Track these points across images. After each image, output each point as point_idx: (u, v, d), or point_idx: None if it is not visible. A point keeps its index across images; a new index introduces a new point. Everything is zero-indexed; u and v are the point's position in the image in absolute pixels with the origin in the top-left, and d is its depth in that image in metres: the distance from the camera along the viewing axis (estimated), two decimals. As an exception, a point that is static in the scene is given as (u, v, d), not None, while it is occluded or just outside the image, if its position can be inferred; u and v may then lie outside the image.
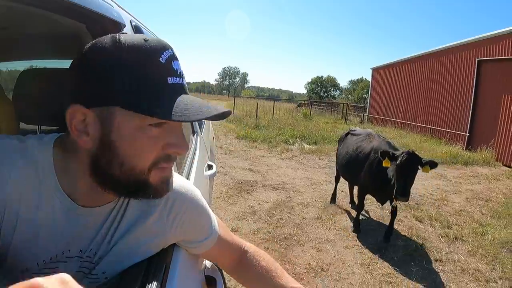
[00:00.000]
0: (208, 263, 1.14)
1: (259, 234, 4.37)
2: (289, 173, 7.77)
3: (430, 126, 17.08)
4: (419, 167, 3.93)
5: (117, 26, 1.01)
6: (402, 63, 21.16)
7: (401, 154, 3.91)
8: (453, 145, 14.06)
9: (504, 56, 13.22)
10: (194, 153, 2.17)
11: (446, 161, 10.95)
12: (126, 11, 1.28)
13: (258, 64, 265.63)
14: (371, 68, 25.26)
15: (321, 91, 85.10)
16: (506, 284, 3.59)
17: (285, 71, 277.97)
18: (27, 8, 0.78)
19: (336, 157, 5.72)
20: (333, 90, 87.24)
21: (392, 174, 4.01)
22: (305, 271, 3.57)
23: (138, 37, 0.65)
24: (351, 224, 4.84)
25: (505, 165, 12.05)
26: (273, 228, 4.57)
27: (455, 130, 15.29)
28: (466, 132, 14.56)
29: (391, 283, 3.46)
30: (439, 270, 3.82)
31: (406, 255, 4.11)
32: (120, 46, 0.63)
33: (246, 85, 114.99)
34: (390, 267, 3.79)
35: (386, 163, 4.01)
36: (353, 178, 5.08)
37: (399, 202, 4.16)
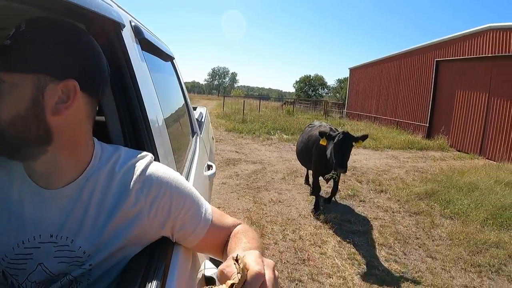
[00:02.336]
0: (208, 263, 1.17)
1: (240, 186, 6.27)
2: (267, 154, 9.66)
3: (397, 119, 19.23)
4: (353, 143, 4.54)
5: (117, 26, 1.01)
6: (375, 63, 23.21)
7: (337, 134, 4.52)
8: (416, 134, 16.14)
9: (458, 57, 15.31)
10: (194, 153, 2.15)
11: (404, 147, 12.95)
12: (126, 11, 1.27)
13: (247, 64, 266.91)
14: (349, 68, 27.30)
15: (309, 90, 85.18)
16: (407, 214, 5.47)
17: (274, 70, 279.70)
18: (26, 8, 0.76)
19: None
20: (321, 88, 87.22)
21: (330, 151, 4.57)
22: (268, 201, 5.50)
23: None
24: (304, 181, 6.75)
25: (458, 150, 14.14)
26: (250, 183, 6.49)
27: (417, 122, 17.44)
28: (426, 123, 16.69)
29: (324, 216, 5.33)
30: (360, 206, 5.71)
31: (340, 198, 6.01)
32: (81, 31, 0.76)
33: (235, 85, 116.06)
34: (324, 204, 5.66)
35: (323, 142, 4.64)
36: (306, 163, 5.85)
37: (338, 173, 4.78)
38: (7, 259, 0.74)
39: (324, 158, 4.78)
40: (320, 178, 5.29)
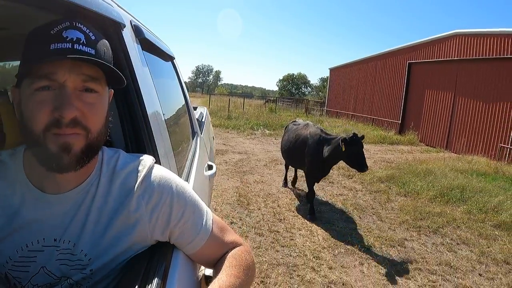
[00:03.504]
0: None
1: (229, 170, 7.25)
2: (251, 146, 10.65)
3: (373, 117, 20.58)
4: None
5: (117, 26, 1.01)
6: (354, 64, 24.53)
7: (353, 138, 4.57)
8: (389, 130, 17.39)
9: (428, 59, 16.62)
10: (194, 153, 2.16)
11: (376, 141, 14.13)
12: (126, 11, 1.27)
13: (231, 62, 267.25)
14: (329, 68, 28.61)
15: (292, 88, 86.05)
16: (367, 192, 6.52)
17: (258, 68, 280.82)
18: (27, 8, 0.76)
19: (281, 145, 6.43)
20: (304, 87, 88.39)
21: (351, 155, 4.63)
22: (253, 182, 6.52)
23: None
24: (284, 168, 7.79)
25: (426, 145, 15.46)
26: (237, 168, 7.49)
27: (391, 119, 18.78)
28: (398, 120, 18.04)
29: (297, 189, 6.38)
30: (329, 186, 6.76)
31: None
32: (32, 30, 0.72)
33: (219, 83, 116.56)
34: (299, 186, 6.70)
35: (344, 148, 4.60)
36: (294, 162, 5.84)
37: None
38: (11, 261, 0.74)
39: (321, 161, 4.98)
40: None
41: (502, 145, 12.29)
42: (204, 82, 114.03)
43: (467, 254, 4.22)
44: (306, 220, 4.83)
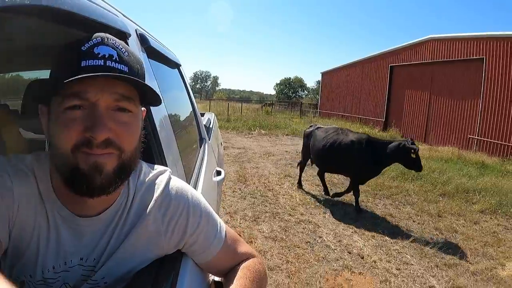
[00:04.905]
0: None
1: (230, 160, 8.93)
2: (248, 143, 12.35)
3: (360, 116, 22.42)
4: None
5: (123, 36, 1.00)
6: (343, 68, 26.43)
7: (410, 143, 5.17)
8: (374, 128, 19.12)
9: (407, 62, 18.43)
10: (202, 159, 2.18)
11: (361, 137, 15.82)
12: (131, 20, 1.27)
13: (229, 67, 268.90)
14: (321, 72, 30.40)
15: (289, 92, 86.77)
16: (345, 179, 8.11)
17: (256, 73, 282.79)
18: (32, 19, 0.73)
19: (305, 150, 6.74)
20: (301, 90, 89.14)
21: (411, 158, 5.19)
22: (250, 168, 8.20)
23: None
24: (278, 158, 9.46)
25: (406, 140, 17.16)
26: (237, 159, 9.19)
27: (376, 117, 20.61)
28: (382, 118, 19.87)
29: (284, 174, 8.03)
30: (310, 169, 8.36)
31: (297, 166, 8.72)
32: (62, 47, 0.70)
33: (217, 88, 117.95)
34: (286, 171, 8.36)
35: (413, 155, 5.16)
36: (334, 166, 6.07)
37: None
38: (32, 280, 0.72)
39: (373, 164, 5.48)
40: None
41: (470, 136, 14.02)
42: (202, 88, 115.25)
43: (408, 210, 5.79)
44: (288, 190, 6.53)
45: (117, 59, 0.69)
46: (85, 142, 0.65)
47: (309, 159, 6.63)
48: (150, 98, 0.76)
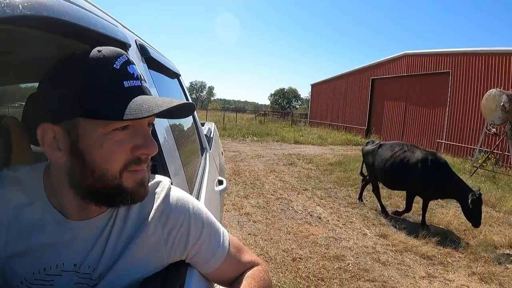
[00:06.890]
0: None
1: (226, 160, 10.56)
2: (242, 148, 14.10)
3: (345, 124, 24.42)
4: None
5: (123, 46, 0.99)
6: (330, 80, 28.45)
7: (478, 195, 4.90)
8: (357, 135, 20.98)
9: (385, 75, 20.41)
10: (204, 169, 2.18)
11: (343, 143, 17.65)
12: (131, 31, 1.27)
13: (224, 77, 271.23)
14: (310, 84, 32.40)
15: (283, 102, 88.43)
16: (318, 170, 9.91)
17: (250, 83, 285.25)
18: (31, 31, 0.70)
19: (371, 168, 6.41)
20: (295, 100, 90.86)
21: (467, 209, 4.99)
22: (243, 165, 9.94)
23: (93, 50, 0.67)
24: (267, 159, 11.23)
25: (385, 145, 19.02)
26: (232, 159, 10.90)
27: (359, 126, 22.59)
28: (365, 126, 21.85)
29: (271, 169, 9.79)
30: (292, 167, 10.16)
31: (282, 165, 10.47)
32: (75, 60, 0.66)
33: (212, 98, 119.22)
34: (272, 168, 10.12)
35: (471, 206, 4.90)
36: (398, 184, 5.93)
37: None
38: (25, 282, 0.72)
39: (433, 184, 5.36)
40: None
41: (439, 140, 15.91)
42: (198, 98, 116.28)
43: (365, 194, 7.56)
44: (273, 180, 8.28)
45: (142, 77, 0.71)
46: (134, 161, 0.68)
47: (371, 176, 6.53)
48: (179, 114, 0.77)
